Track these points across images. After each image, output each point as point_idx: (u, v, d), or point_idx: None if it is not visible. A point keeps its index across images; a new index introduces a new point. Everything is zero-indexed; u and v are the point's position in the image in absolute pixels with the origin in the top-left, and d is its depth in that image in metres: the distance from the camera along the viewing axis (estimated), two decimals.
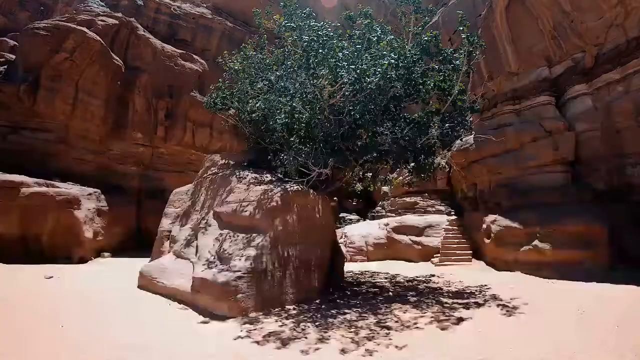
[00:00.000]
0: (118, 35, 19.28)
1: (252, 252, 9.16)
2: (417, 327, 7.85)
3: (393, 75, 9.93)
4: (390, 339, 7.14)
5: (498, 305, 9.25)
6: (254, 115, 11.93)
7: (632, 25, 11.61)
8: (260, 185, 10.83)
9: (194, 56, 21.23)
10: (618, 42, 12.03)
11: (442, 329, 7.77)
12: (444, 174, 18.00)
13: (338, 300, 10.19)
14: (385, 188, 20.37)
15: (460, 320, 8.24)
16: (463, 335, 7.34)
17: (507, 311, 8.72)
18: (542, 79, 13.81)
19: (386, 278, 13.25)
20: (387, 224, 18.31)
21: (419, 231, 16.37)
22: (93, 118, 18.51)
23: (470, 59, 10.86)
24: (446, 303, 9.64)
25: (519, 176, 13.98)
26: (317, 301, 9.90)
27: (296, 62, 9.89)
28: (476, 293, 10.62)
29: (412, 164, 11.51)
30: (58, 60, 17.04)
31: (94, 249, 17.09)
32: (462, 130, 11.08)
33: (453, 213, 17.05)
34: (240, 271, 8.66)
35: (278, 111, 11.17)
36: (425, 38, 10.95)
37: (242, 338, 7.03)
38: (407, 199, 19.58)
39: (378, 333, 7.43)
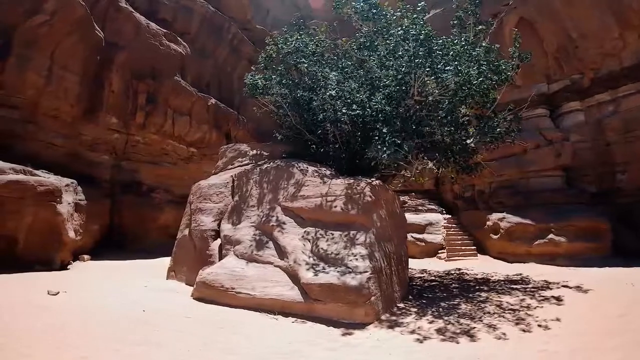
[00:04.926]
0: (97, 5, 15.73)
1: (362, 250, 8.13)
2: (537, 307, 8.14)
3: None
4: (537, 317, 7.46)
5: (563, 287, 9.84)
6: (315, 103, 10.68)
7: (627, 56, 13.14)
8: (330, 178, 9.72)
9: (178, 38, 18.41)
10: (612, 69, 13.52)
11: (558, 305, 8.22)
12: (433, 174, 18.41)
13: (424, 294, 9.77)
14: None
15: (557, 299, 8.68)
16: (584, 307, 7.90)
17: (578, 291, 9.30)
18: (540, 93, 14.93)
19: (422, 273, 13.02)
20: None
21: (421, 229, 16.46)
22: (67, 96, 14.81)
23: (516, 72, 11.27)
24: (520, 289, 9.96)
25: (521, 178, 14.95)
26: (410, 297, 9.34)
27: (409, 54, 9.05)
28: (526, 280, 11.09)
29: (462, 163, 11.46)
30: (36, 23, 13.22)
31: (73, 250, 13.77)
32: (513, 135, 11.32)
33: (445, 212, 17.54)
34: (367, 272, 7.60)
35: (349, 101, 10.16)
36: (486, 48, 10.99)
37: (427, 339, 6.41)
38: None
39: (519, 314, 7.66)
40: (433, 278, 11.96)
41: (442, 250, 15.48)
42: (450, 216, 16.98)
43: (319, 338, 6.58)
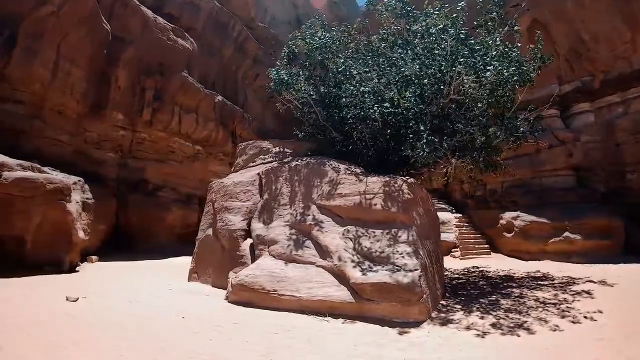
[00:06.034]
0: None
1: (407, 248, 8.02)
2: (574, 301, 8.39)
3: None
4: (579, 310, 7.71)
5: (588, 282, 10.13)
6: (346, 100, 10.45)
7: (638, 59, 13.49)
8: (365, 176, 9.54)
9: (186, 33, 17.86)
10: (623, 71, 13.87)
11: (592, 298, 8.54)
12: (441, 174, 18.45)
13: (458, 292, 9.85)
14: None
15: (588, 293, 8.97)
16: (617, 300, 8.22)
17: (604, 285, 9.61)
18: (553, 94, 15.14)
19: (444, 272, 12.95)
20: None
21: None
22: (73, 91, 14.15)
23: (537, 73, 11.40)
24: (548, 285, 10.16)
25: (534, 178, 15.15)
26: (447, 295, 9.32)
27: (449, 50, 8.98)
28: (549, 277, 11.27)
29: (489, 161, 11.49)
30: (43, 13, 12.59)
31: (81, 251, 13.11)
32: (537, 134, 11.42)
33: (455, 211, 17.61)
34: (417, 270, 7.50)
35: (379, 98, 9.99)
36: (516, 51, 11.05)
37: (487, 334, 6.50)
38: None
39: (561, 308, 7.88)
40: (457, 276, 11.97)
41: (456, 249, 15.53)
42: (461, 215, 17.05)
43: (382, 339, 6.45)
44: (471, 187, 17.03)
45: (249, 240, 9.89)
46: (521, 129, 11.09)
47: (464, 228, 16.32)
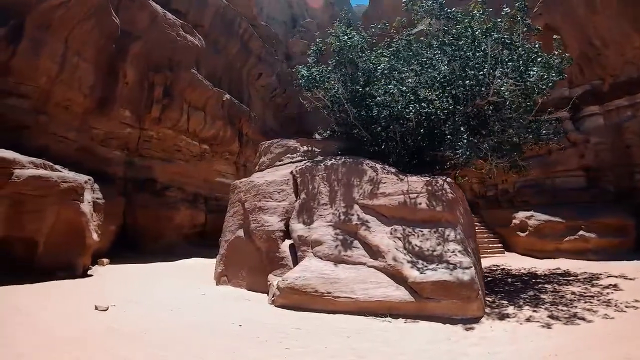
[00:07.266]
0: None
1: (457, 246, 8.31)
2: (608, 293, 9.04)
3: None
4: (617, 300, 8.33)
5: (609, 277, 10.74)
6: (381, 98, 10.58)
7: None
8: (404, 175, 9.73)
9: (194, 30, 17.57)
10: (631, 75, 14.68)
11: (622, 290, 9.14)
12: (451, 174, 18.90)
13: (494, 289, 10.24)
14: None
15: (614, 286, 9.58)
16: None
17: (626, 279, 10.24)
18: (563, 97, 15.82)
19: None
20: None
21: None
22: (80, 86, 13.71)
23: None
24: (574, 280, 10.75)
25: (546, 178, 15.78)
26: (486, 291, 9.58)
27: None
28: (571, 273, 11.85)
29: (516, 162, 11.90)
30: (52, 4, 12.14)
31: (93, 254, 12.70)
32: (559, 136, 11.91)
33: None
34: (471, 267, 7.78)
35: (412, 98, 10.21)
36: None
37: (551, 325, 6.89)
38: None
39: (601, 299, 8.48)
40: (484, 274, 12.26)
41: None
42: (473, 215, 17.44)
43: (452, 336, 6.62)
44: (482, 187, 17.58)
45: (288, 241, 9.87)
46: (543, 131, 11.59)
47: (477, 227, 16.74)
